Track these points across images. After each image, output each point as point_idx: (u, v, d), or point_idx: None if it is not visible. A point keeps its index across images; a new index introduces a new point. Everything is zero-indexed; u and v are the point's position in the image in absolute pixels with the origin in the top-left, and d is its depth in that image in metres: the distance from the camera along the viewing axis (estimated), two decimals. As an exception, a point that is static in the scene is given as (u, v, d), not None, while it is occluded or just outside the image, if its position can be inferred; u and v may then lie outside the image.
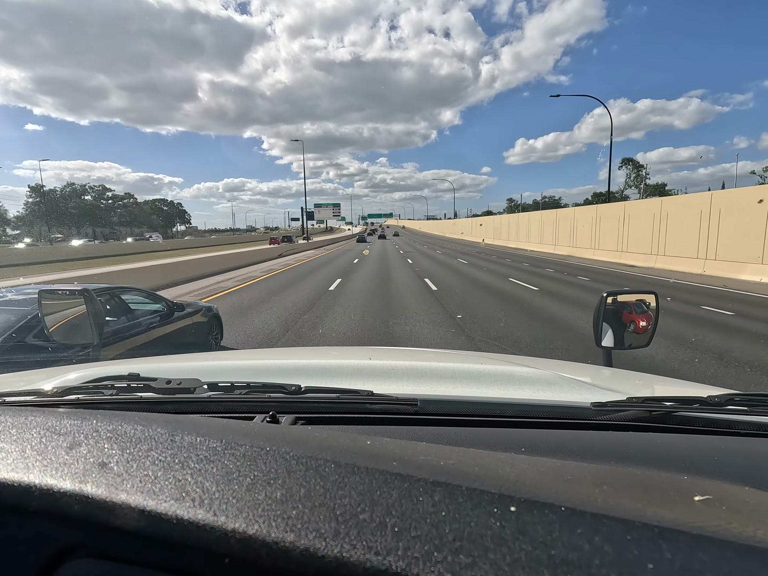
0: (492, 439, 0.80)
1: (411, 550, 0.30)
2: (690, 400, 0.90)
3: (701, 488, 0.43)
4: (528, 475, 0.42)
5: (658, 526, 0.32)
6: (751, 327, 6.90)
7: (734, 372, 4.74)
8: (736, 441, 0.83)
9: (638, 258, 19.24)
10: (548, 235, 31.03)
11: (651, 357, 5.13)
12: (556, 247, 29.33)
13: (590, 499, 0.36)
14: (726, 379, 4.50)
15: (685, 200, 17.71)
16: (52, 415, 0.52)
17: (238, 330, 6.62)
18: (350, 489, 0.37)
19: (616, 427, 0.88)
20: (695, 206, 16.27)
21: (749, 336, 6.34)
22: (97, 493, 0.37)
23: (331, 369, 1.33)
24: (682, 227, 16.76)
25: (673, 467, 0.69)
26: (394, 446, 0.49)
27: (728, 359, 5.16)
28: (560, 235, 28.96)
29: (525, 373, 1.22)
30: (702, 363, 5.05)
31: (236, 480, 0.38)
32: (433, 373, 1.23)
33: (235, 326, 6.82)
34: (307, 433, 0.53)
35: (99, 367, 1.30)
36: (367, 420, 0.87)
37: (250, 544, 0.32)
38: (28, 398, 0.89)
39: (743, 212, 14.07)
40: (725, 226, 14.80)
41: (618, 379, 1.40)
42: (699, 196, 16.79)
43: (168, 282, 13.10)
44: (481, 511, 0.33)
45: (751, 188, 14.62)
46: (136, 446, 0.44)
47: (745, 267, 13.58)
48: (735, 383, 4.38)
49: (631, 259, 19.60)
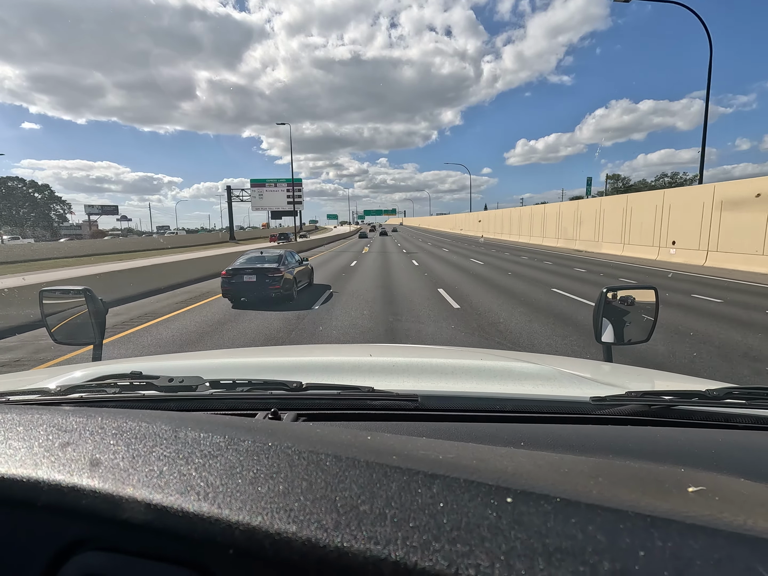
0: (492, 434, 0.81)
1: (410, 540, 0.31)
2: (689, 394, 0.91)
3: (696, 480, 0.44)
4: (525, 468, 0.43)
5: (651, 516, 0.32)
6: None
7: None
8: (734, 434, 0.84)
9: (642, 250, 20.03)
10: (551, 228, 31.43)
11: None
12: (558, 240, 29.75)
13: (585, 491, 0.36)
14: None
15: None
16: (58, 412, 0.53)
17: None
18: (351, 482, 0.37)
19: (615, 421, 0.88)
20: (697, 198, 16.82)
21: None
22: (104, 487, 0.38)
23: (332, 366, 1.34)
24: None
25: (671, 460, 0.70)
26: (394, 441, 0.50)
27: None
28: (564, 227, 29.36)
29: (525, 368, 1.22)
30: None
31: (240, 474, 0.39)
32: (433, 369, 1.24)
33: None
34: (308, 429, 0.54)
35: (102, 366, 1.31)
36: (368, 416, 0.88)
37: (254, 536, 0.33)
38: (32, 397, 0.90)
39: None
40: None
41: (617, 374, 1.41)
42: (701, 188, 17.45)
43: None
44: (478, 502, 0.34)
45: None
46: (141, 442, 0.45)
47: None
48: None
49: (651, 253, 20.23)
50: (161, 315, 8.15)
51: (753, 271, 13.40)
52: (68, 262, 23.25)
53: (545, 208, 33.32)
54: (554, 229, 30.52)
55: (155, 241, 51.05)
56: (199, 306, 9.05)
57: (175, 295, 10.85)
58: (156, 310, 8.77)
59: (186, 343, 6.11)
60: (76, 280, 10.51)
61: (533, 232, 34.72)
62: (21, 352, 5.83)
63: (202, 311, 8.44)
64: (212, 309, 8.61)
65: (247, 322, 7.25)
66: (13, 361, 5.45)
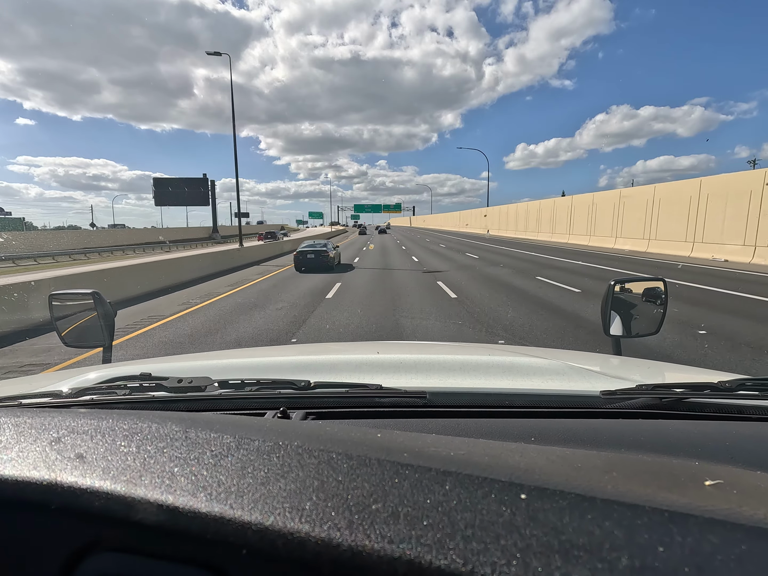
0: (502, 430, 0.80)
1: (424, 538, 0.31)
2: (700, 386, 0.90)
3: (712, 473, 0.43)
4: (538, 464, 0.42)
5: (668, 511, 0.32)
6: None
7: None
8: (747, 426, 0.83)
9: (633, 243, 19.94)
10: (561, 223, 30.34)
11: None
12: (570, 236, 28.80)
13: (600, 486, 0.36)
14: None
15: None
16: (69, 415, 0.53)
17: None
18: (362, 480, 0.37)
19: (626, 414, 0.87)
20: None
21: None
22: (117, 489, 0.38)
23: (340, 364, 1.34)
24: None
25: (684, 453, 0.69)
26: (404, 438, 0.50)
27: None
28: (575, 222, 28.21)
29: (533, 363, 1.22)
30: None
31: (251, 474, 0.39)
32: (441, 365, 1.23)
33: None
34: (318, 428, 0.53)
35: (111, 368, 1.32)
36: (376, 414, 0.88)
37: (267, 536, 0.33)
38: (44, 400, 0.91)
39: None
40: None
41: (627, 367, 1.39)
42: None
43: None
44: (492, 499, 0.34)
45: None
46: (152, 443, 0.45)
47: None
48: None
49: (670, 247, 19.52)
50: (269, 273, 15.00)
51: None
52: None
53: (572, 200, 29.81)
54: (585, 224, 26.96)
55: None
56: (283, 270, 15.89)
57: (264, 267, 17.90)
58: (263, 271, 15.95)
59: (283, 284, 11.90)
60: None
61: (556, 228, 31.47)
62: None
63: (285, 274, 14.81)
64: (289, 272, 15.08)
65: (310, 278, 13.02)
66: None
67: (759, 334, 5.61)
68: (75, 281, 9.44)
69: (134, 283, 10.70)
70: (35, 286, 8.16)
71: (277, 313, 7.83)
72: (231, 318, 7.51)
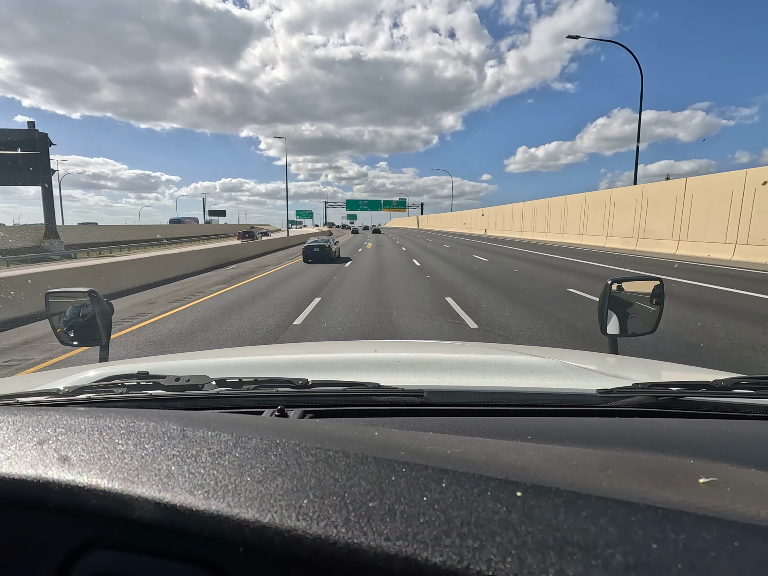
0: (499, 428, 0.81)
1: (420, 536, 0.31)
2: (696, 385, 0.90)
3: (707, 471, 0.43)
4: (534, 462, 0.43)
5: (663, 508, 0.32)
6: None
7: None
8: (742, 424, 0.84)
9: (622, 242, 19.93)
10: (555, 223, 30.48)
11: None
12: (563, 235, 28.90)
13: (595, 484, 0.36)
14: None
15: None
16: (66, 413, 0.53)
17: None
18: (359, 478, 0.37)
19: (622, 413, 0.88)
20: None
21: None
22: (114, 487, 0.38)
23: (338, 362, 1.34)
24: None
25: (679, 451, 0.70)
26: (401, 437, 0.50)
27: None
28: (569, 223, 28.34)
29: (530, 361, 1.22)
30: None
31: (248, 472, 0.39)
32: (438, 364, 1.24)
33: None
34: (315, 426, 0.54)
35: (108, 366, 1.32)
36: (374, 412, 0.88)
37: (264, 533, 0.33)
38: (41, 398, 0.91)
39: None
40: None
41: (624, 365, 1.40)
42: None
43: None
44: (488, 497, 0.34)
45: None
46: (149, 441, 0.45)
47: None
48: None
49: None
50: (281, 264, 17.98)
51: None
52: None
53: (565, 200, 29.18)
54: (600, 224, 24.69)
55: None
56: (293, 262, 18.89)
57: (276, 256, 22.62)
58: (275, 261, 19.90)
59: (295, 272, 14.41)
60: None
61: (550, 228, 31.09)
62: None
63: (295, 262, 18.42)
64: (298, 262, 18.39)
65: (315, 267, 16.04)
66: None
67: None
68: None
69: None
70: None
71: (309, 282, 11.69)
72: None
